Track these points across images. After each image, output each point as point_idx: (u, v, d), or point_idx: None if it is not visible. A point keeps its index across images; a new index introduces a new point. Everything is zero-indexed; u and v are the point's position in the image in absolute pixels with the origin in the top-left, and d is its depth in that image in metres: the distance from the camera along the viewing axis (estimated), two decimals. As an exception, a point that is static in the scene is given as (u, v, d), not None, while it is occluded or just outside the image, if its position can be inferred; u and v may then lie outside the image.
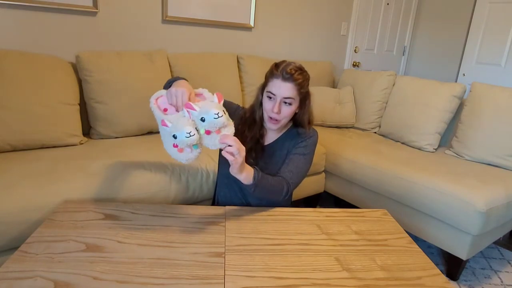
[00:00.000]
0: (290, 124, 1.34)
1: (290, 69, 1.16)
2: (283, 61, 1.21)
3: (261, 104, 1.27)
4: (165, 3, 2.18)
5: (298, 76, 1.17)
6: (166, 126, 0.98)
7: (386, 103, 2.46)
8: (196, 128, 0.98)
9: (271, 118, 1.22)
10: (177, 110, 1.05)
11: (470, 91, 2.07)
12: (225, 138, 0.99)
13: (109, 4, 1.99)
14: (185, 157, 1.00)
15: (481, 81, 2.13)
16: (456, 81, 3.51)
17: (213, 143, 1.00)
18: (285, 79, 1.15)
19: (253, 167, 1.13)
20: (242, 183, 1.10)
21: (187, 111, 0.98)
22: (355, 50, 3.44)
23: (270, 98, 1.20)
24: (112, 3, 2.00)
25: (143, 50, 2.04)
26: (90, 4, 1.92)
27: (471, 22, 3.37)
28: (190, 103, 0.99)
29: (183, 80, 1.14)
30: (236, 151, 0.99)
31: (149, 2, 2.14)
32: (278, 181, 1.19)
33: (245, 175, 1.07)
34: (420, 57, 3.89)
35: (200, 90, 1.10)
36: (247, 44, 2.66)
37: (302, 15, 2.94)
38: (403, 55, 3.93)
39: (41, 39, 1.83)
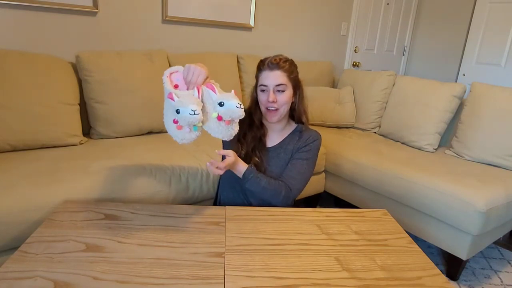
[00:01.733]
0: (294, 127, 1.34)
1: (275, 59, 1.22)
2: (268, 57, 1.26)
3: (257, 103, 1.28)
4: (165, 3, 2.18)
5: (284, 63, 1.22)
6: (172, 99, 0.95)
7: (386, 103, 2.46)
8: (206, 110, 0.97)
9: (269, 110, 1.24)
10: (188, 89, 1.03)
11: (470, 91, 2.07)
12: (224, 152, 1.09)
13: (109, 4, 1.99)
14: (182, 135, 0.98)
15: (481, 81, 2.12)
16: (456, 81, 3.51)
17: (218, 130, 1.00)
18: (272, 68, 1.21)
19: (249, 166, 1.18)
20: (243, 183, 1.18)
21: (198, 91, 0.97)
22: (355, 50, 3.44)
23: (263, 90, 1.24)
24: (112, 3, 2.00)
25: (143, 50, 2.04)
26: (90, 4, 1.92)
27: (471, 22, 3.37)
28: (213, 84, 0.99)
29: (203, 64, 1.11)
30: (223, 167, 1.08)
31: (149, 2, 2.14)
32: (274, 184, 1.21)
33: (237, 170, 1.19)
34: (420, 57, 3.89)
35: (213, 81, 1.10)
36: (247, 44, 2.66)
37: (302, 15, 2.94)
38: (403, 55, 3.93)
39: (41, 39, 1.83)
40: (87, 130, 1.86)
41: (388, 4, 3.52)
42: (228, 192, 1.33)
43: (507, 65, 3.15)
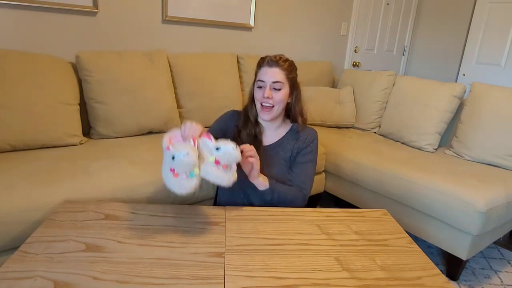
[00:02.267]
0: (290, 125, 1.34)
1: (275, 57, 1.24)
2: (269, 55, 1.28)
3: (253, 100, 1.29)
4: (165, 3, 2.18)
5: (283, 62, 1.24)
6: (168, 150, 0.98)
7: (386, 103, 2.46)
8: (203, 157, 1.00)
9: (263, 107, 1.24)
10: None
11: (470, 91, 2.07)
12: (243, 148, 1.10)
13: (109, 4, 1.99)
14: (178, 183, 0.97)
15: (481, 81, 2.13)
16: (456, 81, 3.51)
17: (216, 174, 1.00)
18: (271, 65, 1.23)
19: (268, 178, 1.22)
20: (257, 189, 1.20)
21: (193, 141, 1.02)
22: (355, 50, 3.44)
23: (260, 87, 1.25)
24: (112, 3, 2.00)
25: (143, 50, 2.04)
26: (90, 4, 1.92)
27: (471, 22, 3.37)
28: (209, 133, 1.04)
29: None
30: (255, 155, 1.12)
31: (149, 2, 2.14)
32: (291, 190, 1.24)
33: (262, 179, 1.19)
34: (420, 57, 3.89)
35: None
36: (247, 44, 2.66)
37: (302, 15, 2.94)
38: (403, 55, 3.93)
39: (41, 39, 1.83)
40: (87, 130, 1.86)
41: (388, 4, 3.52)
42: (228, 192, 1.33)
43: (507, 65, 3.15)
